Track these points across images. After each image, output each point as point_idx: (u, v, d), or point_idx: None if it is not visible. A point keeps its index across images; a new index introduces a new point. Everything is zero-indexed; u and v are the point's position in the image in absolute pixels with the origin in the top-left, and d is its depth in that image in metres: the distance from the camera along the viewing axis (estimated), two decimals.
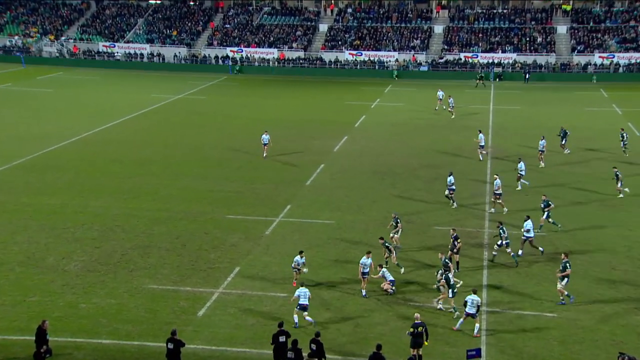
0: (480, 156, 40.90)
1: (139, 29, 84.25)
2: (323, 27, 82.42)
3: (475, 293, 21.67)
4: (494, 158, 41.31)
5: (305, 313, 21.61)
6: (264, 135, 40.83)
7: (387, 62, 75.97)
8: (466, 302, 21.36)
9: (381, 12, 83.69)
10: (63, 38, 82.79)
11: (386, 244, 25.67)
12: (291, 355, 18.70)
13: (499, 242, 26.62)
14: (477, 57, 74.78)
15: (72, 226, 29.90)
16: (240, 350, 20.60)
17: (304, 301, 21.67)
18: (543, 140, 39.78)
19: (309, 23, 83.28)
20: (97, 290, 24.17)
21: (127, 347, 20.70)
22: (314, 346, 19.00)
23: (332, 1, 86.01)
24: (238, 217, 31.22)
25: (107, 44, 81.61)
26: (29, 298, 23.44)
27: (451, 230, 26.56)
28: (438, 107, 54.83)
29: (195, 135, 47.16)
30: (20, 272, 25.43)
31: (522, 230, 27.05)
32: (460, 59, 75.07)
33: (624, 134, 41.56)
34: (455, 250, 25.78)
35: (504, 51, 75.27)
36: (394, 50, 77.33)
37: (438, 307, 23.15)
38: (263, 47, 79.58)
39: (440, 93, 55.36)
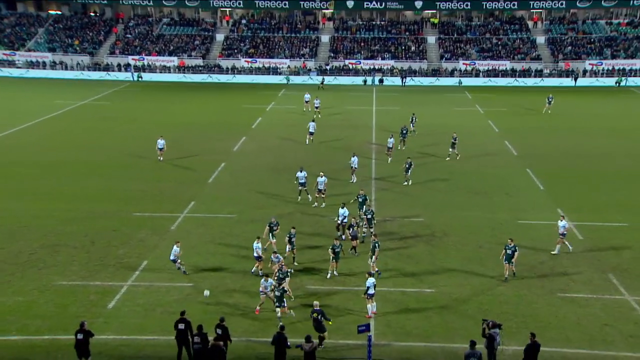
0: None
1: (40, 37, 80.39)
2: (220, 37, 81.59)
3: (371, 276, 22.04)
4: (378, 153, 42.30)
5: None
6: (159, 140, 39.76)
7: (280, 69, 76.15)
8: (368, 287, 21.58)
9: (273, 23, 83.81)
10: None
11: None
12: (197, 339, 18.55)
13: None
14: (360, 63, 76.26)
15: None
16: (149, 338, 20.29)
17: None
18: (391, 139, 40.73)
19: (206, 33, 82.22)
20: (3, 289, 23.09)
21: (37, 341, 19.95)
22: (219, 330, 18.92)
23: (227, 13, 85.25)
24: (145, 215, 30.59)
25: (7, 52, 77.38)
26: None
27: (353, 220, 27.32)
28: (305, 108, 55.50)
29: (101, 139, 45.64)
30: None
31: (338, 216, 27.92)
32: (346, 65, 76.32)
33: (455, 137, 41.37)
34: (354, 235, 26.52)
35: (383, 58, 77.16)
36: (286, 57, 77.64)
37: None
38: (164, 56, 77.87)
39: (307, 96, 56.28)
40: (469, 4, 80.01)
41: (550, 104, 55.95)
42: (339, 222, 28.02)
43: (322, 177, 31.92)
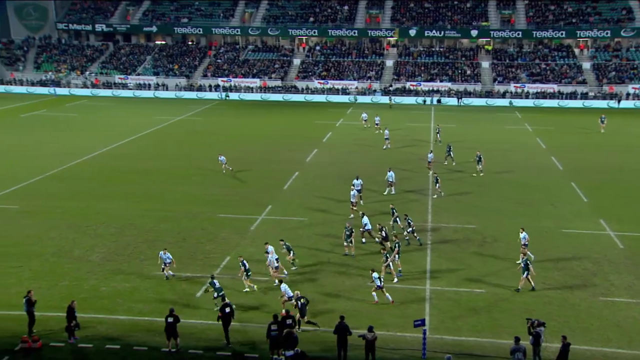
0: (384, 146, 44.54)
1: (147, 64, 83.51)
2: (297, 61, 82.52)
3: (374, 271, 22.12)
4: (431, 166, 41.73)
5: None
6: (221, 157, 39.22)
7: (348, 89, 76.31)
8: (374, 279, 21.72)
9: (343, 49, 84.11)
10: (87, 72, 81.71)
11: (286, 244, 24.85)
12: (274, 327, 18.58)
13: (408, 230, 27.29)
14: (420, 85, 75.48)
15: (93, 224, 29.63)
16: (234, 324, 20.58)
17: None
18: (431, 154, 39.99)
19: (285, 58, 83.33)
20: (114, 276, 24.03)
21: (139, 321, 20.63)
22: (289, 321, 19.01)
23: (304, 40, 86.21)
24: (228, 216, 31.19)
25: (122, 76, 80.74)
26: (60, 282, 23.24)
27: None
28: (366, 125, 55.05)
29: (193, 149, 46.92)
30: (53, 262, 25.19)
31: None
32: (407, 87, 75.72)
33: (480, 155, 39.26)
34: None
35: (441, 80, 76.09)
36: (354, 79, 77.72)
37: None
38: (248, 77, 79.39)
39: (364, 115, 55.92)
40: (520, 33, 78.16)
41: (603, 124, 53.91)
42: (362, 230, 27.31)
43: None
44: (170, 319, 18.78)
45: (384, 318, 20.97)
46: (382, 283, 21.89)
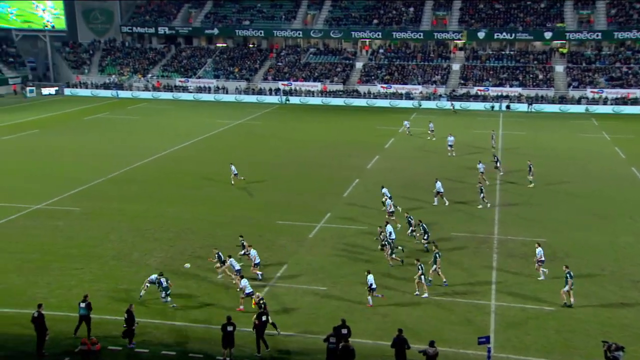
0: (448, 154, 44.90)
1: (208, 67, 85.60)
2: (359, 65, 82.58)
3: (369, 273, 22.61)
4: (503, 176, 40.83)
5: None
6: (232, 167, 38.50)
7: (412, 94, 75.73)
8: (371, 283, 22.30)
9: (407, 52, 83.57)
10: (149, 75, 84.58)
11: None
12: (333, 340, 18.57)
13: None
14: (488, 90, 74.03)
15: (152, 228, 30.52)
16: (287, 334, 20.78)
17: None
18: (481, 164, 39.07)
19: (347, 61, 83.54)
20: (173, 279, 24.60)
21: (195, 328, 21.07)
22: (344, 330, 18.93)
23: (367, 43, 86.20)
24: (286, 223, 31.48)
25: (183, 79, 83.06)
26: (119, 286, 24.04)
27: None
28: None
29: (252, 154, 47.66)
30: (112, 265, 26.09)
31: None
32: (474, 92, 74.42)
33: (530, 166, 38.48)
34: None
35: (511, 85, 74.36)
36: (418, 84, 77.06)
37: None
38: (309, 81, 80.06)
39: (406, 123, 55.46)
40: (599, 34, 75.32)
41: None
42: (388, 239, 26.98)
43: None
44: (229, 328, 19.06)
45: (446, 333, 20.64)
46: (375, 286, 22.44)
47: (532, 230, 30.28)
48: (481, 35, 79.00)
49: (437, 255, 24.48)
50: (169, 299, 22.35)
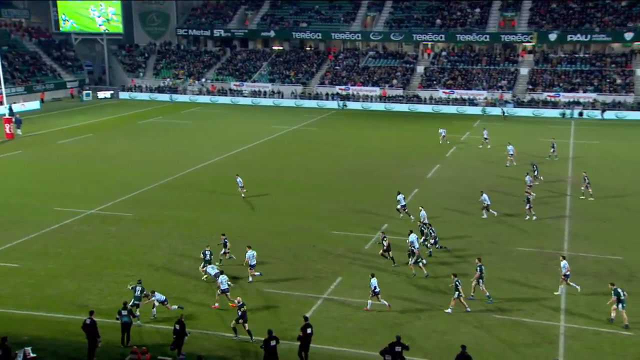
0: (507, 162, 44.49)
1: (264, 70, 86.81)
2: (420, 69, 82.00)
3: (373, 276, 23.16)
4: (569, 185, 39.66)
5: None
6: (238, 179, 37.96)
7: (476, 100, 74.58)
8: (375, 286, 22.79)
9: (472, 55, 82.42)
10: (203, 79, 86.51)
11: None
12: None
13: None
14: (559, 96, 72.12)
15: (204, 236, 31.04)
16: (340, 350, 20.74)
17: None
18: (529, 176, 38.27)
19: (407, 65, 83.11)
20: (231, 292, 24.90)
21: (244, 341, 21.22)
22: (398, 349, 18.82)
23: (429, 46, 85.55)
24: (342, 233, 31.47)
25: (237, 83, 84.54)
26: (169, 295, 24.35)
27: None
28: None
29: (307, 161, 47.95)
30: (163, 273, 26.68)
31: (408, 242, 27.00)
32: (543, 98, 72.64)
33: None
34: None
35: (584, 91, 72.18)
36: (483, 89, 75.85)
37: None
38: (367, 86, 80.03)
39: (441, 130, 54.55)
40: None
41: None
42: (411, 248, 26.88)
43: (422, 210, 31.51)
44: (272, 342, 19.14)
45: (510, 356, 20.12)
46: (379, 289, 22.83)
47: (605, 247, 29.24)
48: (553, 37, 77.12)
49: (479, 268, 24.05)
50: (137, 313, 21.99)
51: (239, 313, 21.04)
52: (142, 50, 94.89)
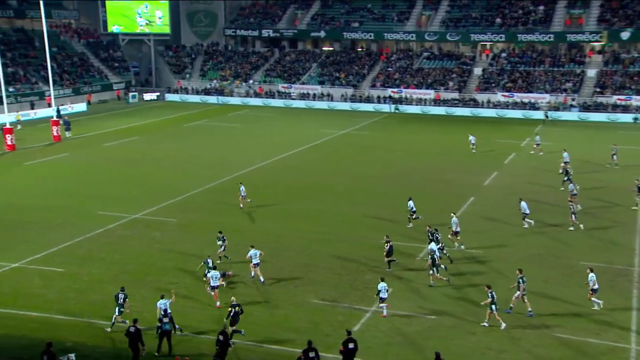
0: (560, 170, 43.29)
1: (313, 72, 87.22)
2: (477, 70, 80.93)
3: (383, 280, 23.81)
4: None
5: None
6: (242, 187, 37.27)
7: (538, 104, 73.07)
8: (379, 290, 23.44)
9: (534, 56, 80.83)
10: (250, 81, 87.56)
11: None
12: None
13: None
14: (630, 99, 69.98)
15: (248, 243, 31.16)
16: None
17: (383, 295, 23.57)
18: (572, 185, 37.38)
19: (464, 67, 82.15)
20: (268, 300, 25.12)
21: (291, 353, 21.29)
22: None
23: (487, 47, 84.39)
24: (396, 243, 31.17)
25: (286, 85, 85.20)
26: (213, 303, 24.79)
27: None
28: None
29: (357, 166, 47.87)
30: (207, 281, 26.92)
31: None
32: (613, 102, 70.60)
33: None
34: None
35: None
36: (546, 92, 74.26)
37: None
38: (421, 88, 79.46)
39: (471, 138, 53.35)
40: None
41: None
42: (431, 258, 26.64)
43: (453, 217, 31.00)
44: (311, 354, 19.10)
45: None
46: (387, 295, 23.47)
47: None
48: (625, 35, 74.87)
49: (520, 280, 23.65)
50: (119, 319, 22.39)
51: (231, 313, 21.64)
52: (189, 51, 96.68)
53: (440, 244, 28.19)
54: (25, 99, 73.19)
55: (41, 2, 58.88)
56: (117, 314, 22.50)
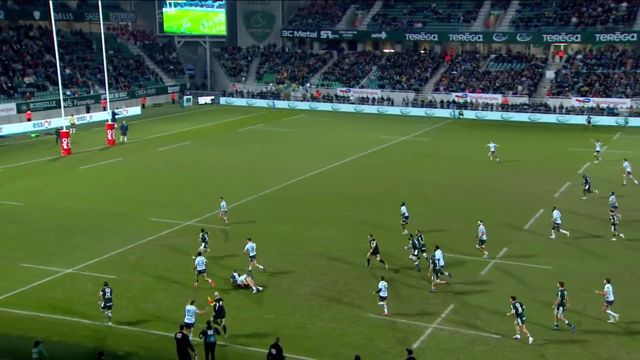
0: (624, 181, 43.76)
1: (372, 75, 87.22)
2: (549, 74, 79.29)
3: (383, 279, 25.19)
4: None
5: None
6: (222, 203, 35.73)
7: (617, 109, 71.02)
8: (380, 289, 24.86)
9: (614, 57, 78.58)
10: (307, 84, 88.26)
11: None
12: None
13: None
14: None
15: (302, 253, 31.54)
16: None
17: None
18: (613, 196, 36.46)
19: (535, 69, 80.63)
20: (322, 314, 25.24)
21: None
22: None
23: (561, 48, 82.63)
24: (455, 256, 30.92)
25: (344, 89, 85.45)
26: (266, 315, 25.12)
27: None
28: (492, 158, 51.54)
29: (417, 175, 47.64)
30: (261, 292, 27.28)
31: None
32: None
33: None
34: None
35: None
36: (626, 97, 72.09)
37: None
38: (487, 93, 78.38)
39: (491, 145, 52.11)
40: None
41: None
42: (433, 266, 27.38)
43: (480, 225, 31.02)
44: None
45: None
46: (387, 294, 24.83)
47: None
48: None
49: (561, 293, 23.49)
50: (108, 312, 24.35)
51: (216, 307, 23.04)
52: (245, 53, 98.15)
53: (421, 247, 29.65)
54: (82, 102, 75.67)
55: (100, 5, 60.99)
56: (107, 309, 24.34)
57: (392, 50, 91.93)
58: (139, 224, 35.89)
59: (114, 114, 67.11)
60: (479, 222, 31.31)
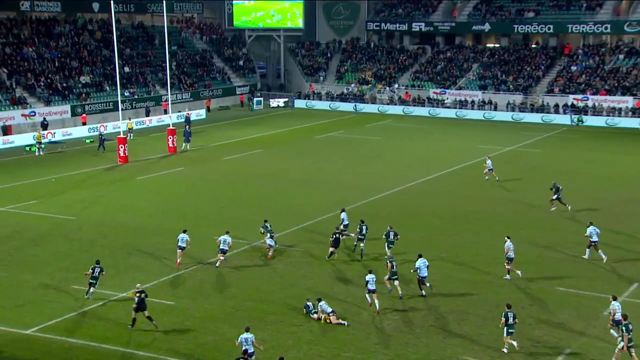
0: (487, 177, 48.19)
1: (472, 74, 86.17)
2: None
3: (371, 272, 28.01)
4: None
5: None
6: (181, 235, 34.08)
7: None
8: (367, 281, 27.79)
9: None
10: (395, 85, 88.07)
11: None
12: None
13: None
14: None
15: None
16: None
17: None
18: None
19: None
20: (408, 354, 24.95)
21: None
22: None
23: None
24: (570, 291, 30.15)
25: (438, 90, 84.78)
26: (343, 353, 25.04)
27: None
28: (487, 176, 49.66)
29: (526, 192, 46.67)
30: (335, 325, 27.27)
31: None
32: None
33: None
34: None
35: None
36: None
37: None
38: (615, 95, 76.01)
39: (488, 162, 49.83)
40: None
41: None
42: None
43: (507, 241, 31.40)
44: None
45: None
46: (375, 287, 27.70)
47: None
48: None
49: (626, 328, 23.47)
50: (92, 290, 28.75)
51: (136, 299, 25.81)
52: (324, 48, 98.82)
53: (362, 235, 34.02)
54: (141, 105, 77.71)
55: None
56: (91, 287, 28.60)
57: (497, 45, 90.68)
58: (200, 242, 36.43)
59: (188, 118, 67.19)
60: (506, 237, 31.74)
